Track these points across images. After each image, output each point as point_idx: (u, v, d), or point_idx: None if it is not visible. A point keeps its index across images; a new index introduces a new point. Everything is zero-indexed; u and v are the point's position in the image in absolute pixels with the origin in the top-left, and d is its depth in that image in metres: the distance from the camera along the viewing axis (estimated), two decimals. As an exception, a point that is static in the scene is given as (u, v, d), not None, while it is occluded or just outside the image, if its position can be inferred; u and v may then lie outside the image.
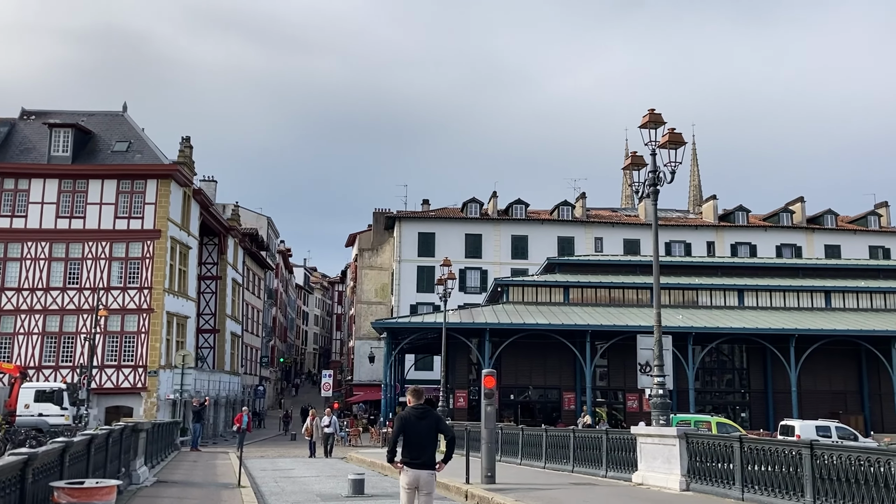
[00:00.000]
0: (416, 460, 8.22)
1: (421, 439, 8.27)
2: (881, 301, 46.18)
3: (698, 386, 42.53)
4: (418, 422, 8.34)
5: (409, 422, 8.34)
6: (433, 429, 8.42)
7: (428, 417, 8.41)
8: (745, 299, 45.91)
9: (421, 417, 8.38)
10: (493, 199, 63.01)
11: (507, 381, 43.48)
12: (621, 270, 48.71)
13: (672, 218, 65.94)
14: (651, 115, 15.44)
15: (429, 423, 8.37)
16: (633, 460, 15.70)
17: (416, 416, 8.36)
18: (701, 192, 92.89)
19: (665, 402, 14.88)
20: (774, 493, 11.70)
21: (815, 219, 64.16)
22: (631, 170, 16.56)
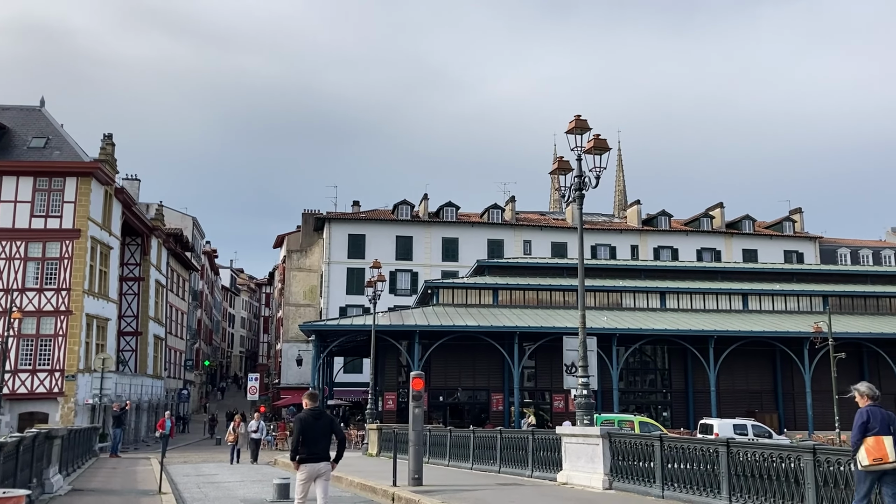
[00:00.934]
0: (313, 455, 9.47)
1: (317, 437, 9.52)
2: (795, 303, 48.13)
3: (622, 386, 43.51)
4: (315, 422, 9.56)
5: (307, 422, 9.52)
6: (328, 428, 9.70)
7: (323, 418, 9.72)
8: (667, 301, 47.19)
9: (317, 418, 9.62)
10: (425, 201, 63.13)
11: (437, 383, 43.62)
12: (549, 273, 49.45)
13: (598, 222, 67.30)
14: (577, 122, 15.73)
15: (323, 423, 9.66)
16: (559, 460, 15.93)
17: (313, 418, 9.58)
18: (626, 196, 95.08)
19: (589, 402, 15.16)
20: (693, 490, 12.04)
21: (734, 224, 66.46)
22: (558, 174, 16.83)
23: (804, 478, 9.78)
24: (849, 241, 69.00)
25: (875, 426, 8.13)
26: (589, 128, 15.75)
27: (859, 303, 48.81)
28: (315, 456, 9.49)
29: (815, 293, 48.28)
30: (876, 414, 8.27)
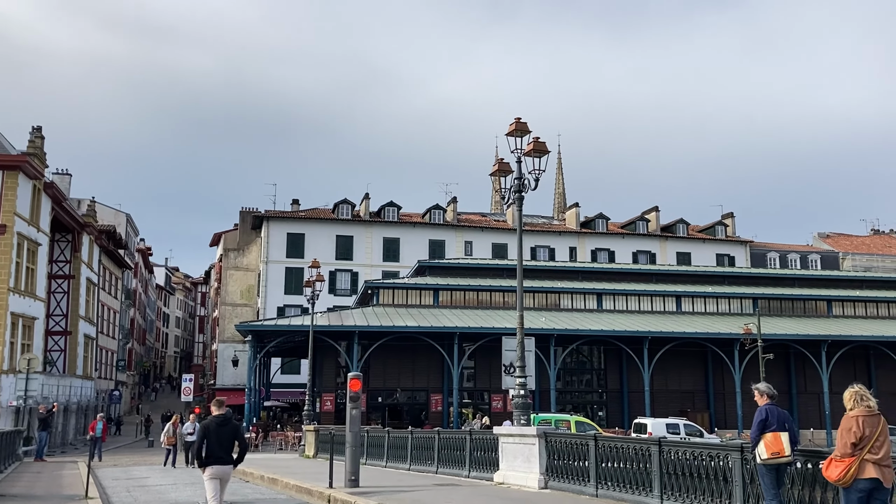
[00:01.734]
0: (218, 458, 10.18)
1: (222, 442, 10.23)
2: (726, 305, 49.50)
3: (560, 386, 44.07)
4: (219, 428, 10.26)
5: (211, 429, 10.23)
6: (232, 434, 10.38)
7: (228, 425, 10.40)
8: (603, 303, 47.98)
9: (221, 425, 10.32)
10: (366, 200, 62.81)
11: (376, 383, 43.46)
12: (489, 274, 49.77)
13: (538, 224, 68.02)
14: (517, 124, 15.83)
15: (228, 430, 10.35)
16: (496, 460, 16.01)
17: (217, 424, 10.29)
18: (565, 199, 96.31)
19: (526, 402, 15.27)
20: (626, 489, 12.22)
21: (669, 227, 67.99)
22: (498, 176, 16.93)
23: (732, 475, 10.02)
24: (778, 245, 71.32)
25: (773, 423, 8.66)
26: (529, 130, 15.87)
27: (787, 305, 50.49)
28: (220, 459, 10.20)
29: (746, 296, 49.74)
30: (773, 412, 8.78)
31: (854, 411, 7.54)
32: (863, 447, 7.33)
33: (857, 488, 7.31)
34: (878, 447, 7.32)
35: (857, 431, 7.35)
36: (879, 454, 7.30)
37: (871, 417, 7.47)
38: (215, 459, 10.15)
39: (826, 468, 7.60)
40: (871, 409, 7.53)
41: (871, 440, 7.33)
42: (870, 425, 7.41)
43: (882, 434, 7.41)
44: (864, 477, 7.27)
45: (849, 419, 7.50)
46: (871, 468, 7.25)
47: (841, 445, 7.44)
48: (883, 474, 7.27)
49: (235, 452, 10.46)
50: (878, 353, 45.96)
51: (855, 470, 7.28)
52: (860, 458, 7.29)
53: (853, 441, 7.33)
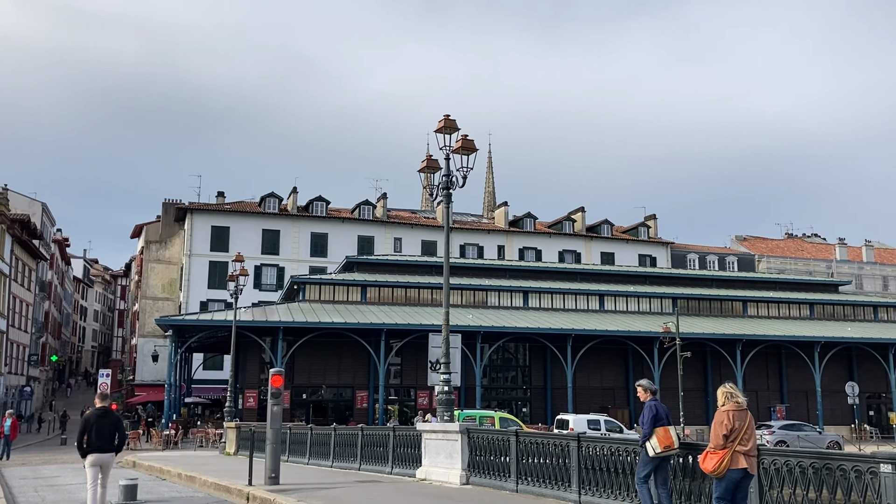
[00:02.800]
0: (98, 447, 11.18)
1: (103, 433, 11.21)
2: (647, 304, 50.78)
3: (485, 382, 44.45)
4: (100, 419, 11.25)
5: (92, 420, 11.20)
6: (113, 425, 11.39)
7: (109, 416, 11.45)
8: (529, 301, 48.60)
9: (102, 416, 11.32)
10: (294, 194, 61.99)
11: (301, 380, 42.98)
12: (418, 271, 49.78)
13: (467, 222, 68.42)
14: (446, 121, 15.84)
15: (109, 421, 11.37)
16: (419, 456, 16.02)
17: (98, 416, 11.27)
18: (495, 198, 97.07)
19: (450, 398, 15.33)
20: (546, 484, 12.39)
21: (594, 228, 69.34)
22: (426, 172, 16.93)
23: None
24: (697, 247, 73.57)
25: (663, 418, 9.27)
26: (457, 128, 15.90)
27: (705, 305, 52.13)
28: (100, 448, 11.18)
29: (666, 295, 51.12)
30: (661, 407, 9.41)
31: (725, 407, 8.17)
32: (734, 440, 7.97)
33: (729, 478, 7.95)
34: (746, 439, 7.99)
35: (728, 425, 8.00)
36: (748, 446, 7.97)
37: (740, 412, 8.11)
38: (95, 448, 11.13)
39: (703, 460, 8.23)
40: (740, 404, 8.15)
41: (740, 433, 7.98)
42: (739, 419, 8.05)
43: (749, 427, 8.07)
44: (735, 467, 7.92)
45: (721, 414, 8.14)
46: (742, 459, 7.92)
47: (714, 438, 8.06)
48: (751, 464, 7.99)
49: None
50: (790, 353, 47.89)
51: (728, 461, 7.92)
52: (732, 449, 7.93)
53: (725, 434, 7.98)
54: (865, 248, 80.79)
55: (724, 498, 8.06)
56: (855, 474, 7.61)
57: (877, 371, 48.84)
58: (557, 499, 11.80)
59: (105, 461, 11.31)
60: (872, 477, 7.40)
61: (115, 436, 11.39)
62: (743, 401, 8.25)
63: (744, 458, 7.96)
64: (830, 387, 47.13)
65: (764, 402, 48.80)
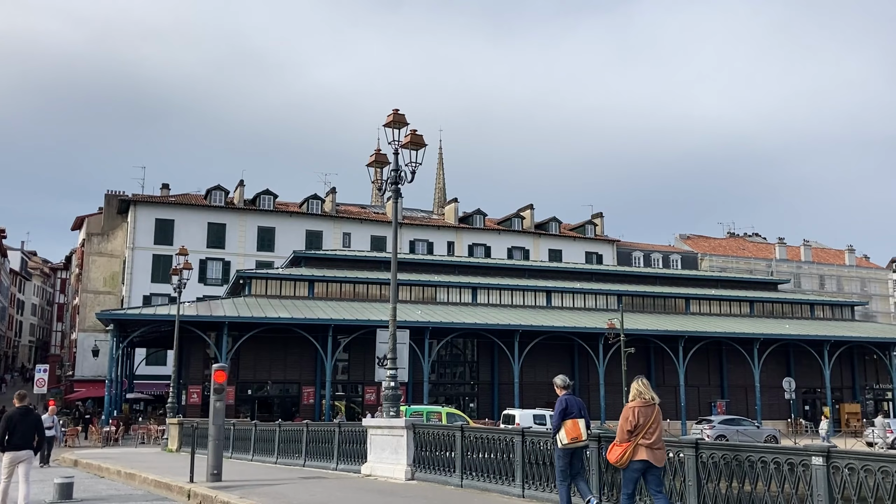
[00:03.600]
0: (17, 445, 11.53)
1: (24, 432, 11.60)
2: (593, 301, 51.47)
3: (433, 378, 44.51)
4: (22, 418, 11.67)
5: (14, 419, 11.62)
6: (33, 424, 11.80)
7: (30, 416, 11.87)
8: (478, 297, 48.82)
9: (24, 415, 11.74)
10: (240, 187, 61.11)
11: (246, 376, 42.46)
12: (367, 266, 49.57)
13: (417, 218, 68.37)
14: (395, 116, 15.79)
15: (29, 420, 11.77)
16: (364, 452, 15.96)
17: (20, 415, 11.70)
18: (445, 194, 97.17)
19: (396, 394, 15.31)
20: (491, 479, 12.45)
21: (542, 225, 69.96)
22: (375, 167, 16.83)
23: (590, 465, 10.40)
24: (642, 245, 74.80)
25: (572, 411, 9.63)
26: (406, 122, 15.86)
27: (649, 302, 53.06)
28: (18, 446, 11.51)
29: (612, 292, 51.88)
30: (572, 401, 9.77)
31: (632, 402, 8.62)
32: (637, 433, 8.41)
33: (631, 468, 8.47)
34: (650, 433, 8.41)
35: (632, 420, 8.45)
36: (651, 439, 8.40)
37: (646, 408, 8.53)
38: (14, 446, 11.50)
39: (609, 452, 8.75)
40: (647, 400, 8.56)
41: (644, 427, 8.42)
42: (644, 414, 8.47)
43: (655, 422, 8.48)
44: (637, 458, 8.39)
45: (627, 410, 8.59)
46: (644, 451, 8.37)
47: (619, 432, 8.54)
48: (654, 456, 8.39)
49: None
50: (730, 349, 49.05)
51: (630, 453, 8.40)
52: (635, 442, 8.41)
53: (629, 428, 8.45)
54: (804, 248, 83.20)
55: (626, 487, 8.60)
56: (788, 467, 7.83)
57: (812, 367, 50.38)
58: (502, 493, 11.87)
59: (22, 458, 11.66)
60: (804, 469, 7.62)
61: (34, 435, 11.80)
62: (651, 397, 8.61)
63: (646, 451, 8.38)
64: (768, 382, 48.44)
65: (705, 397, 49.95)
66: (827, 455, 7.41)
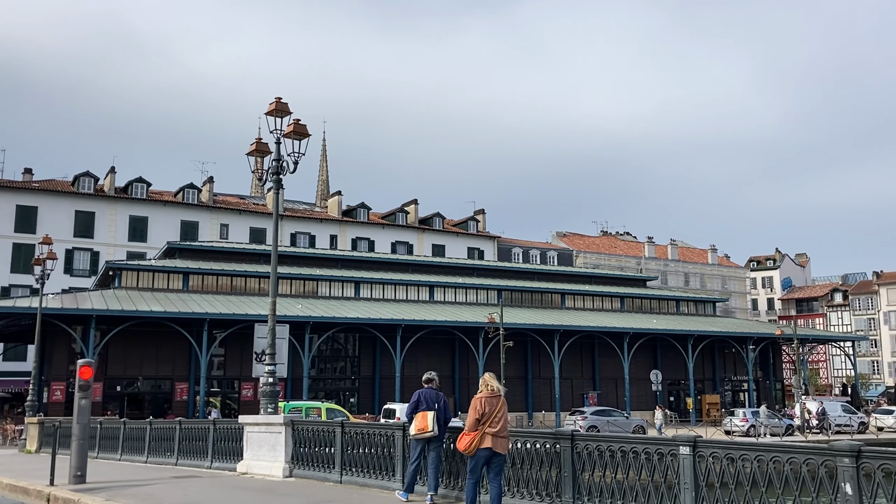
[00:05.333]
0: None
1: None
2: (475, 296, 52.27)
3: (314, 373, 43.95)
4: None
5: None
6: None
7: None
8: (361, 291, 48.56)
9: None
10: (111, 174, 58.16)
11: (115, 371, 40.58)
12: (246, 258, 48.37)
13: (299, 210, 67.25)
14: (278, 104, 15.42)
15: None
16: (240, 450, 15.53)
17: None
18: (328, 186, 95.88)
19: (274, 390, 14.97)
20: (371, 474, 12.37)
21: (426, 220, 70.41)
22: (256, 156, 16.39)
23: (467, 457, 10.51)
24: (522, 241, 76.62)
25: (423, 404, 10.25)
26: (290, 112, 15.52)
27: (527, 297, 54.44)
28: None
29: (492, 287, 52.86)
30: (425, 395, 10.39)
31: (480, 394, 9.18)
32: (484, 422, 8.96)
33: (478, 456, 9.00)
34: (496, 422, 8.97)
35: (479, 409, 8.99)
36: (496, 428, 8.95)
37: (492, 398, 9.09)
38: None
39: (458, 441, 9.29)
40: (493, 391, 9.16)
41: (490, 416, 8.97)
42: (489, 405, 9.02)
43: (500, 412, 9.04)
44: (483, 447, 8.92)
45: (475, 400, 9.13)
46: (489, 439, 8.92)
47: (468, 422, 9.07)
48: (499, 444, 8.97)
49: None
50: (602, 342, 51.00)
51: (477, 441, 8.94)
52: (481, 431, 8.94)
53: (476, 418, 8.98)
54: (671, 247, 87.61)
55: (473, 473, 9.09)
56: (658, 457, 8.18)
57: (677, 360, 53.14)
58: (382, 488, 11.82)
59: None
60: (673, 459, 7.98)
61: None
62: (497, 388, 9.21)
63: (491, 439, 8.92)
64: (637, 374, 50.72)
65: (578, 389, 51.78)
66: (693, 445, 7.79)
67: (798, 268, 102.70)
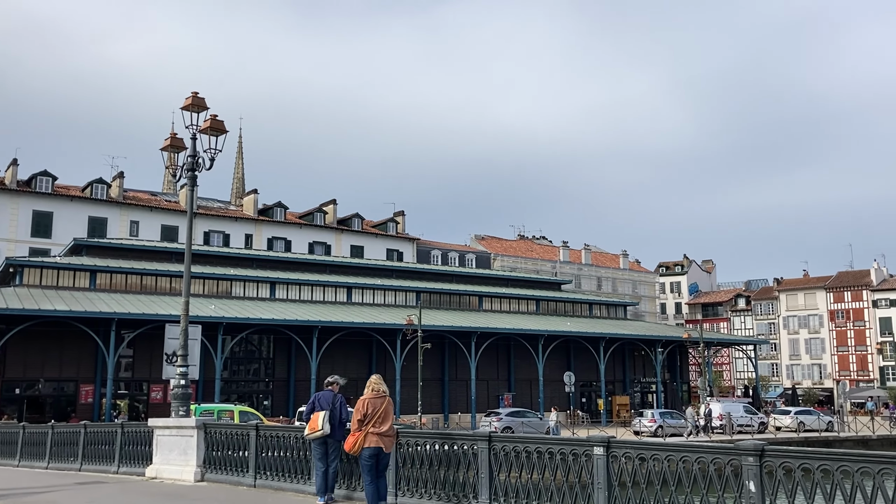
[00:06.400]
0: None
1: None
2: (393, 298, 52.19)
3: (226, 375, 43.01)
4: None
5: None
6: None
7: None
8: (277, 292, 47.82)
9: None
10: (13, 167, 55.43)
11: (14, 373, 38.75)
12: (157, 257, 47.00)
13: (214, 208, 65.67)
14: (194, 99, 15.05)
15: None
16: (150, 454, 15.07)
17: None
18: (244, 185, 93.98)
19: (186, 392, 14.60)
20: (286, 478, 12.21)
21: (345, 221, 69.85)
22: (170, 151, 15.96)
23: (384, 459, 10.50)
24: (441, 244, 76.94)
25: (318, 406, 10.54)
26: (207, 107, 15.17)
27: (445, 299, 54.74)
28: None
29: (411, 289, 52.90)
30: (321, 397, 10.73)
31: (365, 395, 9.56)
32: (368, 423, 9.33)
33: (364, 455, 9.35)
34: (380, 423, 9.34)
35: (363, 411, 9.38)
36: (381, 428, 9.32)
37: (376, 399, 9.48)
38: None
39: (345, 442, 9.63)
40: (378, 392, 9.55)
41: (374, 417, 9.34)
42: (373, 405, 9.41)
43: (385, 412, 9.42)
44: (368, 446, 9.28)
45: (360, 402, 9.51)
46: (373, 438, 9.28)
47: (353, 423, 9.46)
48: (383, 443, 9.33)
49: None
50: (518, 344, 51.75)
51: (362, 441, 9.29)
52: (366, 431, 9.30)
53: (359, 418, 9.36)
54: (584, 252, 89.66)
55: (367, 474, 9.43)
56: (573, 457, 8.36)
57: (590, 362, 54.39)
58: (297, 491, 11.68)
59: None
60: (587, 459, 8.17)
61: None
62: (381, 389, 9.59)
63: (377, 438, 9.29)
64: (551, 376, 51.67)
65: (494, 390, 52.37)
66: (607, 445, 7.99)
67: (704, 274, 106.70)
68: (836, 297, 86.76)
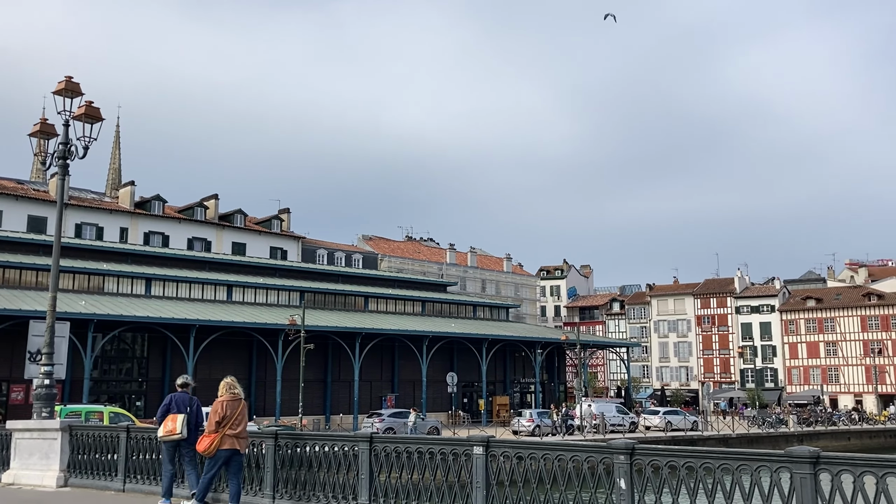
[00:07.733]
0: None
1: None
2: (276, 297, 51.19)
3: (96, 375, 41.01)
4: None
5: None
6: None
7: None
8: (153, 288, 45.98)
9: None
10: None
11: None
12: (22, 249, 44.31)
13: (87, 199, 62.35)
14: (68, 83, 14.28)
15: None
16: (7, 458, 14.15)
17: None
18: (121, 176, 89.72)
19: (50, 392, 13.80)
20: (157, 482, 11.77)
21: (227, 217, 67.85)
22: (39, 138, 15.08)
23: (265, 462, 10.30)
24: (327, 243, 76.05)
25: (174, 408, 10.50)
26: (82, 93, 14.42)
27: (330, 299, 54.18)
28: None
29: (295, 288, 52.06)
30: (176, 399, 10.65)
31: (222, 397, 9.66)
32: (224, 425, 9.45)
33: (218, 456, 9.48)
34: (236, 424, 9.52)
35: (220, 413, 9.47)
36: (237, 430, 9.51)
37: (233, 402, 9.63)
38: None
39: (199, 443, 9.67)
40: (235, 395, 9.70)
41: (231, 419, 9.48)
42: (231, 408, 9.55)
43: (240, 414, 9.59)
44: (224, 447, 9.41)
45: (216, 404, 9.59)
46: (229, 440, 9.43)
47: (209, 424, 9.53)
48: (239, 444, 9.52)
49: None
50: (402, 345, 51.89)
51: (217, 443, 9.40)
52: (222, 433, 9.42)
53: (217, 420, 9.45)
54: (470, 254, 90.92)
55: (214, 472, 9.58)
56: (453, 457, 8.46)
57: (472, 363, 55.22)
58: (169, 496, 11.27)
59: None
60: (467, 459, 8.29)
61: None
62: (238, 392, 9.76)
63: (233, 440, 9.45)
64: (434, 377, 52.10)
65: (377, 391, 52.27)
66: (487, 445, 8.14)
67: (582, 278, 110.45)
68: (702, 304, 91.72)
